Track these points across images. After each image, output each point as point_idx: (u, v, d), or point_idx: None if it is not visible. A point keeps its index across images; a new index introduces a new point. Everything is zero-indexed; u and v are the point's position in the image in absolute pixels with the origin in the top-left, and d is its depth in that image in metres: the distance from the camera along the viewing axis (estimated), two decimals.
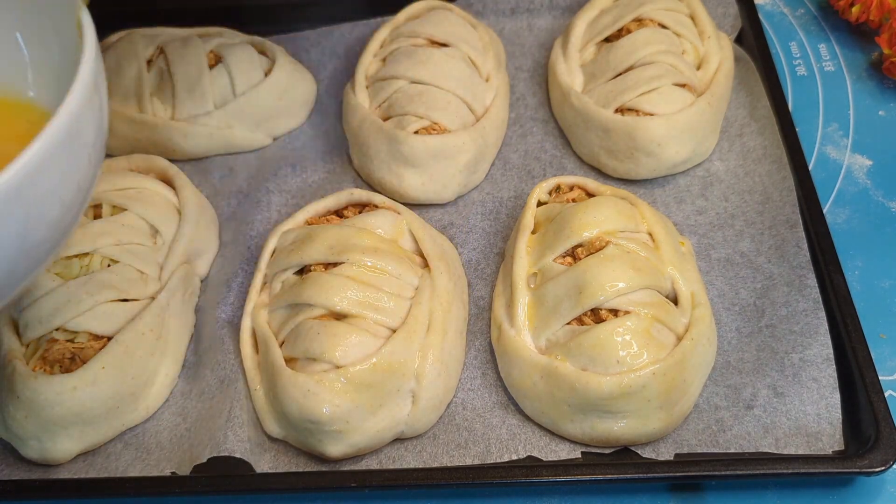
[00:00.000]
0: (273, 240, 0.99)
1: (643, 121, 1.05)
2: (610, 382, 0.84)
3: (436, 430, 0.91)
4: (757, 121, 1.12)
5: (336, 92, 1.22)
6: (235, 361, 0.95)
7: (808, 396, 0.89)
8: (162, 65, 1.14)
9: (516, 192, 1.10)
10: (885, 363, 0.95)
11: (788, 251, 1.00)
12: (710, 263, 1.01)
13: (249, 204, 1.10)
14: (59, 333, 0.90)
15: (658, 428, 0.86)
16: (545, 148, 1.15)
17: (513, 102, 1.19)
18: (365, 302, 0.89)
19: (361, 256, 0.91)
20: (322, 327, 0.87)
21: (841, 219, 1.08)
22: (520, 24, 1.27)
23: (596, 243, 0.91)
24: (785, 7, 1.34)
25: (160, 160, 1.08)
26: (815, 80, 1.24)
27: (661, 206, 1.07)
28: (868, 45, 1.27)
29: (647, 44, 1.09)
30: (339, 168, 1.15)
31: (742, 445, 0.87)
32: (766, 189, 1.06)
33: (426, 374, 0.88)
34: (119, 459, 0.91)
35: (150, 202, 1.01)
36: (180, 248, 0.99)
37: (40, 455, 0.89)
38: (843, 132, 1.17)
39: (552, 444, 0.89)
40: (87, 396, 0.87)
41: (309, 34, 1.27)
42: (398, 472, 0.86)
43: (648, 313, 0.87)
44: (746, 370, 0.92)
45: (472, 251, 1.05)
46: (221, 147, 1.15)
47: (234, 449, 0.88)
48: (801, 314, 0.95)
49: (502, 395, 0.93)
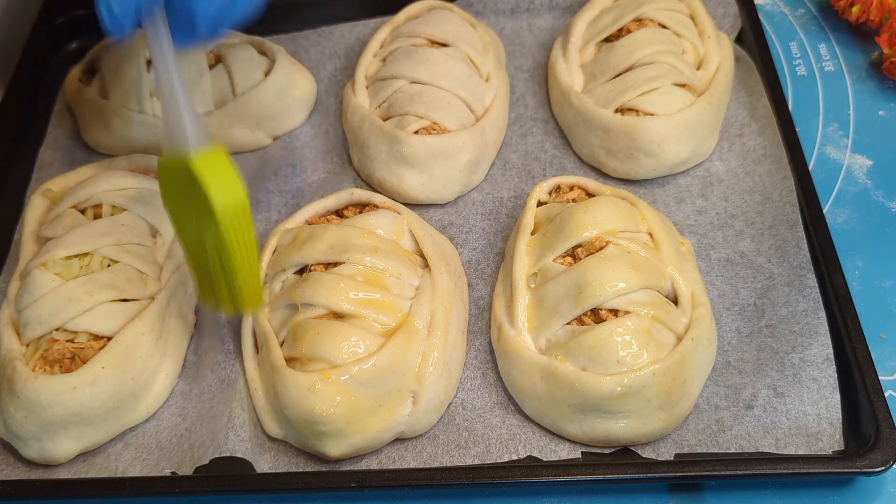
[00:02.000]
0: (273, 240, 0.99)
1: (643, 121, 1.05)
2: (610, 382, 0.84)
3: (436, 431, 0.91)
4: (757, 121, 1.12)
5: (336, 92, 1.22)
6: (235, 361, 0.95)
7: (808, 396, 0.89)
8: None
9: (516, 192, 1.10)
10: (885, 363, 0.95)
11: (788, 251, 1.00)
12: (710, 263, 1.01)
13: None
14: (59, 333, 0.90)
15: (658, 428, 0.86)
16: (545, 148, 1.15)
17: (513, 102, 1.19)
18: (365, 302, 0.89)
19: (362, 256, 0.91)
20: (322, 327, 0.87)
21: (841, 219, 1.08)
22: (520, 24, 1.27)
23: (596, 243, 0.91)
24: (785, 7, 1.34)
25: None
26: (815, 80, 1.24)
27: (661, 206, 1.07)
28: (868, 45, 1.27)
29: (647, 44, 1.09)
30: (339, 168, 1.15)
31: (742, 445, 0.87)
32: (766, 189, 1.06)
33: (427, 375, 0.88)
34: (119, 459, 0.91)
35: (150, 202, 1.01)
36: (180, 248, 0.99)
37: (40, 455, 0.89)
38: (843, 132, 1.17)
39: (552, 444, 0.89)
40: (87, 396, 0.87)
41: (309, 34, 1.27)
42: (398, 472, 0.86)
43: (648, 313, 0.87)
44: (746, 370, 0.92)
45: (472, 251, 1.05)
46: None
47: (235, 449, 0.88)
48: (801, 314, 0.95)
49: (502, 395, 0.93)
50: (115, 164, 1.07)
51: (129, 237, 0.97)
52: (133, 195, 1.01)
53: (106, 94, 1.15)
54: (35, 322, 0.90)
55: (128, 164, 1.07)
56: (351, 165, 1.14)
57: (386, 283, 0.91)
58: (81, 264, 0.94)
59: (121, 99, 1.13)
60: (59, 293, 0.91)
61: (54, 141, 1.20)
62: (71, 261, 0.94)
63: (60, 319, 0.89)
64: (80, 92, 1.16)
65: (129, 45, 1.15)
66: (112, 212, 0.99)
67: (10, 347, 0.90)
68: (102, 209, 0.99)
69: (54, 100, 1.24)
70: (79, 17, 1.30)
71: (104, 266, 0.94)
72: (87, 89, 1.16)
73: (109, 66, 1.15)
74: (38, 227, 1.02)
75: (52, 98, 1.24)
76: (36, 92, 1.23)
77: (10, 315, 0.93)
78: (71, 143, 1.19)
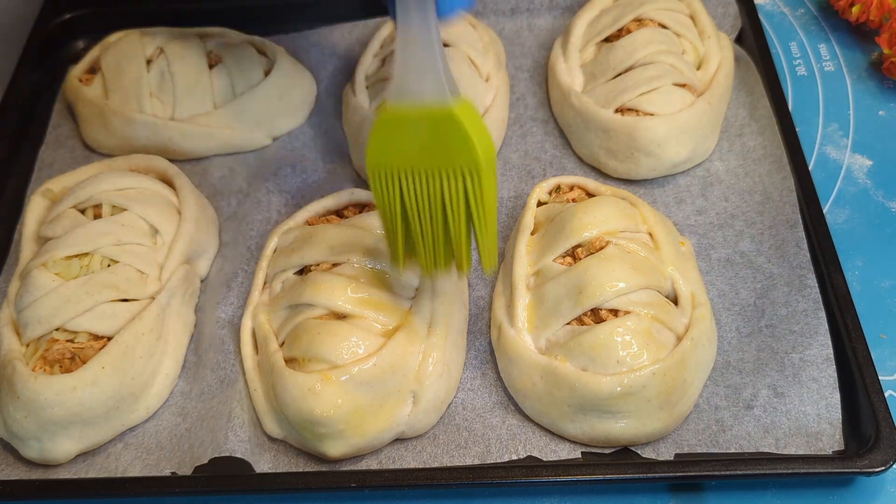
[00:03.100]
0: (273, 240, 0.99)
1: (643, 121, 1.05)
2: (610, 382, 0.84)
3: (436, 431, 0.91)
4: (757, 121, 1.12)
5: (336, 92, 1.22)
6: (235, 361, 0.95)
7: (808, 396, 0.89)
8: (162, 65, 1.14)
9: (516, 192, 1.10)
10: (885, 363, 0.95)
11: (788, 251, 1.00)
12: (710, 263, 1.01)
13: (249, 204, 1.10)
14: (59, 333, 0.90)
15: (658, 428, 0.86)
16: (545, 148, 1.15)
17: (513, 102, 1.19)
18: (365, 302, 0.89)
19: (362, 256, 0.91)
20: (322, 327, 0.87)
21: (841, 219, 1.08)
22: (520, 24, 1.28)
23: (596, 243, 0.91)
24: (785, 7, 1.34)
25: (160, 160, 1.08)
26: (815, 80, 1.24)
27: (661, 206, 1.07)
28: (868, 45, 1.27)
29: (647, 44, 1.09)
30: (339, 168, 1.15)
31: (742, 445, 0.87)
32: (766, 189, 1.06)
33: (427, 375, 0.88)
34: (119, 459, 0.91)
35: (150, 202, 1.01)
36: (180, 248, 0.99)
37: (40, 455, 0.89)
38: (843, 132, 1.17)
39: (552, 444, 0.89)
40: (87, 396, 0.87)
41: (309, 34, 1.27)
42: (398, 472, 0.86)
43: (648, 313, 0.87)
44: (746, 370, 0.92)
45: (473, 251, 1.04)
46: (221, 147, 1.15)
47: (235, 449, 0.88)
48: (801, 314, 0.95)
49: (502, 395, 0.93)
50: (115, 164, 1.07)
51: (129, 237, 0.97)
52: (133, 195, 1.01)
53: (106, 94, 1.15)
54: (35, 322, 0.90)
55: (128, 164, 1.07)
56: (351, 165, 1.14)
57: (386, 283, 0.91)
58: (81, 264, 0.94)
59: (121, 99, 1.13)
60: (59, 293, 0.91)
61: (54, 141, 1.20)
62: (71, 261, 0.94)
63: (60, 319, 0.89)
64: (80, 92, 1.16)
65: (129, 45, 1.14)
66: (112, 212, 0.99)
67: (10, 347, 0.90)
68: (102, 209, 0.99)
69: (54, 100, 1.24)
70: (79, 17, 1.30)
71: (104, 266, 0.94)
72: (87, 89, 1.16)
73: (109, 66, 1.15)
74: (38, 227, 1.02)
75: (52, 98, 1.24)
76: (36, 92, 1.23)
77: (10, 315, 0.93)
78: (71, 143, 1.19)
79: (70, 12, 1.30)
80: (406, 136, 0.78)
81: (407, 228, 0.83)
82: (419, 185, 0.79)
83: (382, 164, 0.80)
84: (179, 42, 1.15)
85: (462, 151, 0.76)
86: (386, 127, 0.79)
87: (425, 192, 0.79)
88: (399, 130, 0.78)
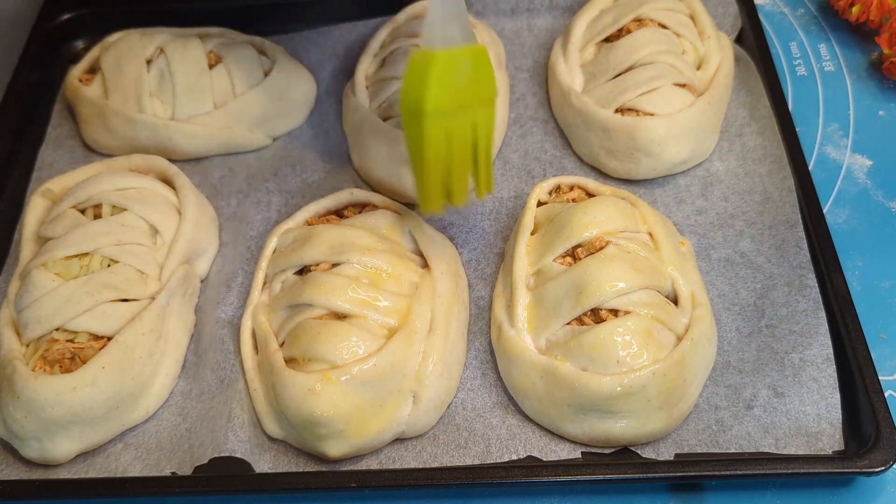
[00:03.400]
0: (273, 240, 0.99)
1: (643, 121, 1.05)
2: (610, 382, 0.84)
3: (436, 431, 0.91)
4: (757, 121, 1.12)
5: (336, 92, 1.22)
6: (235, 361, 0.95)
7: (808, 396, 0.89)
8: (162, 65, 1.14)
9: (516, 192, 1.10)
10: (885, 363, 0.95)
11: (788, 251, 1.00)
12: (710, 263, 1.01)
13: (249, 204, 1.10)
14: (59, 333, 0.90)
15: (658, 428, 0.86)
16: (545, 148, 1.15)
17: (513, 102, 1.19)
18: (365, 302, 0.89)
19: (361, 256, 0.91)
20: (322, 327, 0.87)
21: (841, 219, 1.08)
22: (520, 24, 1.28)
23: (596, 243, 0.91)
24: (785, 7, 1.34)
25: (160, 160, 1.08)
26: (815, 80, 1.24)
27: (661, 206, 1.07)
28: (868, 45, 1.27)
29: (647, 44, 1.09)
30: (339, 168, 1.15)
31: (742, 445, 0.87)
32: (766, 189, 1.06)
33: (427, 375, 0.88)
34: (119, 459, 0.91)
35: (150, 202, 1.01)
36: (180, 248, 0.99)
37: (40, 455, 0.89)
38: (843, 132, 1.17)
39: (552, 444, 0.89)
40: (87, 396, 0.87)
41: (309, 34, 1.27)
42: (398, 472, 0.86)
43: (648, 313, 0.87)
44: (746, 370, 0.92)
45: (472, 251, 1.05)
46: (221, 147, 1.15)
47: (235, 449, 0.88)
48: (801, 314, 0.95)
49: (502, 395, 0.93)
50: (115, 164, 1.08)
51: (129, 237, 0.97)
52: (133, 195, 1.01)
53: (106, 94, 1.15)
54: (35, 322, 0.90)
55: (128, 164, 1.07)
56: (351, 165, 1.14)
57: (386, 283, 0.91)
58: (81, 264, 0.94)
59: (121, 99, 1.13)
60: (58, 293, 0.91)
61: (54, 141, 1.20)
62: (71, 261, 0.94)
63: (60, 319, 0.89)
64: (80, 92, 1.16)
65: (129, 45, 1.14)
66: (112, 212, 0.99)
67: (10, 347, 0.90)
68: (102, 209, 0.99)
69: (54, 100, 1.24)
70: (79, 17, 1.30)
71: (104, 266, 0.94)
72: (87, 89, 1.16)
73: (109, 66, 1.15)
74: (38, 227, 1.02)
75: (52, 98, 1.24)
76: (36, 92, 1.23)
77: (10, 315, 0.93)
78: (71, 143, 1.19)
79: (70, 12, 1.30)
80: (449, 76, 0.85)
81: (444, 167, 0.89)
82: (459, 119, 0.87)
83: (439, 105, 0.85)
84: (179, 42, 1.15)
85: (488, 81, 0.89)
86: (438, 68, 0.85)
87: (462, 124, 0.88)
88: (446, 71, 0.86)
